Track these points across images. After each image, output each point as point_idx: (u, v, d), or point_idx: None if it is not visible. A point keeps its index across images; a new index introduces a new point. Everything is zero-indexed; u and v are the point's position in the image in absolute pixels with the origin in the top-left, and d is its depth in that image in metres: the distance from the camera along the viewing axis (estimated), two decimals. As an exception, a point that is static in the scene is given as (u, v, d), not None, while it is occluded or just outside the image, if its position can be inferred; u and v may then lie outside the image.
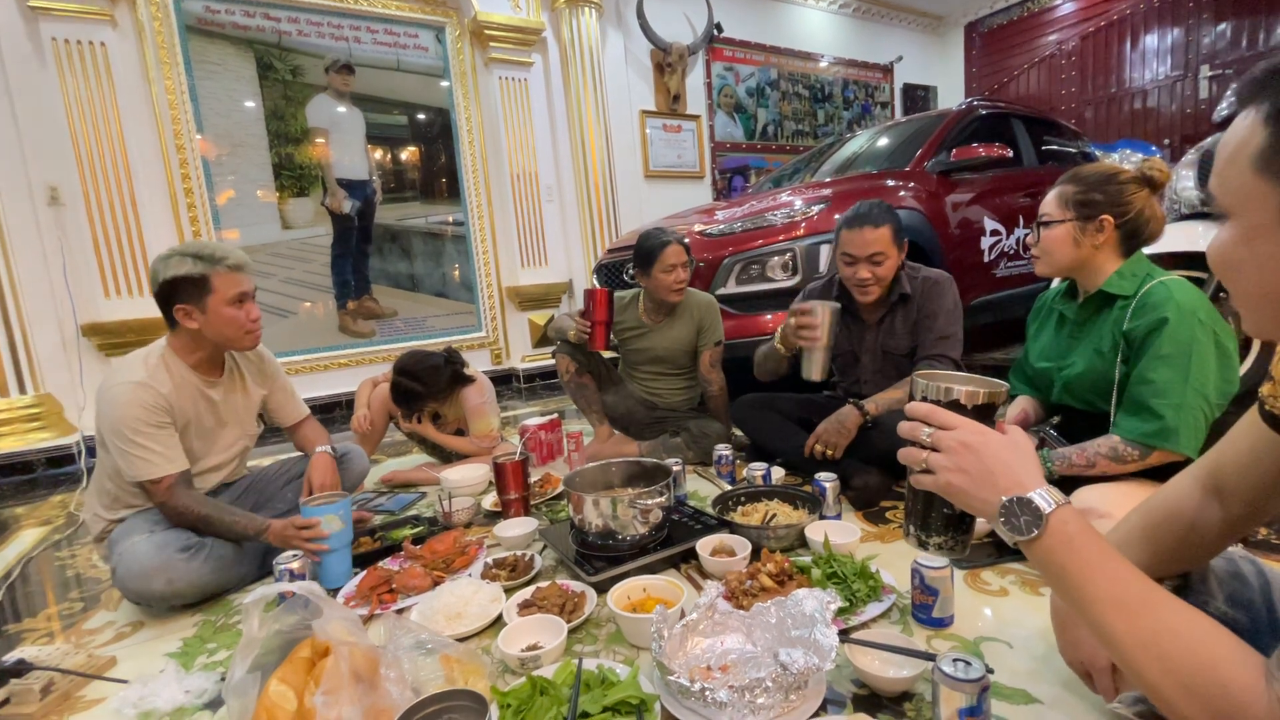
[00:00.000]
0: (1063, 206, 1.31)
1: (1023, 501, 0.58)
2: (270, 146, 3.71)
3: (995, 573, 1.28)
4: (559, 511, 1.86)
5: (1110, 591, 0.54)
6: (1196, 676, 0.48)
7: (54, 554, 1.93)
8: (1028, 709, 0.89)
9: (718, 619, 1.05)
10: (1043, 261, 1.36)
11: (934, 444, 0.65)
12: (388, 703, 0.85)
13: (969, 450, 0.62)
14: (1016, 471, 0.60)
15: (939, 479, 0.64)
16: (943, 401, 0.67)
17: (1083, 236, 1.29)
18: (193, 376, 1.53)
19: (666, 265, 2.11)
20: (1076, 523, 0.57)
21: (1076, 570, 0.56)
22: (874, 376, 1.90)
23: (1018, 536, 0.58)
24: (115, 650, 1.29)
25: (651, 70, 5.02)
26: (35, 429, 3.03)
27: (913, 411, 0.67)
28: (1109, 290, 1.28)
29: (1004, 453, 0.61)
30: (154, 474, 1.40)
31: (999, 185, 3.23)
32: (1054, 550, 0.57)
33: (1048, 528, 0.57)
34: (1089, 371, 1.31)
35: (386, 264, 4.15)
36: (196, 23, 3.46)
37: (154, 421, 1.41)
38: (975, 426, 0.63)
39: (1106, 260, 1.29)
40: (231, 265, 1.48)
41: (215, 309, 1.46)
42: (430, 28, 4.15)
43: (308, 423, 1.81)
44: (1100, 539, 0.57)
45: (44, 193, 3.12)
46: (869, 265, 1.75)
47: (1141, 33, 5.44)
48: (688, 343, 2.24)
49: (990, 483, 0.60)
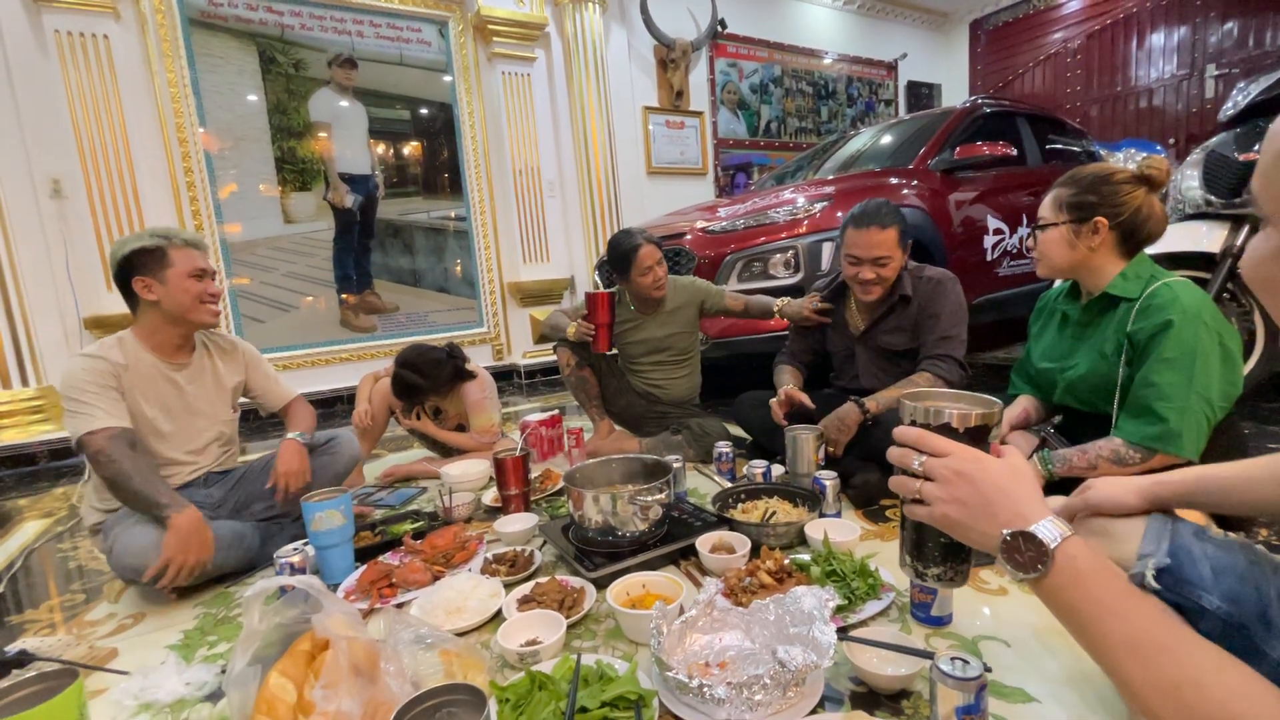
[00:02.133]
0: (1057, 209, 1.31)
1: (1026, 535, 0.54)
2: (272, 140, 3.71)
3: (993, 572, 1.27)
4: (559, 507, 1.86)
5: (1125, 635, 0.50)
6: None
7: (56, 546, 1.93)
8: (1025, 707, 0.89)
9: (717, 616, 1.06)
10: (1041, 264, 1.37)
11: (926, 473, 0.61)
12: (387, 696, 0.85)
13: (964, 480, 0.58)
14: (1017, 501, 0.56)
15: (933, 511, 0.60)
16: (933, 425, 0.63)
17: (1077, 239, 1.28)
18: (156, 360, 1.55)
19: (643, 269, 2.13)
20: (1085, 557, 0.53)
21: (1087, 610, 0.52)
22: (870, 373, 1.92)
23: (1022, 575, 0.55)
24: (116, 642, 1.29)
25: (655, 66, 5.01)
26: (38, 421, 3.05)
27: (902, 437, 0.64)
28: (1113, 292, 1.27)
29: (1002, 480, 0.57)
30: (91, 426, 1.38)
31: (1003, 184, 3.23)
32: (1062, 589, 0.53)
33: (1054, 565, 0.53)
34: (1091, 373, 1.30)
35: (388, 259, 4.15)
36: (199, 16, 3.46)
37: (98, 383, 1.43)
38: (970, 453, 0.60)
39: (1106, 261, 1.29)
40: (186, 240, 1.54)
41: (174, 280, 1.49)
42: (433, 22, 4.14)
43: (294, 404, 1.80)
44: (1113, 574, 0.53)
45: (46, 185, 3.12)
46: (873, 266, 1.75)
47: (1147, 31, 5.41)
48: (687, 322, 2.26)
49: (989, 514, 0.57)
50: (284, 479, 1.59)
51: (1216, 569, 0.70)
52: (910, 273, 1.84)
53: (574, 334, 2.18)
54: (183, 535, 1.34)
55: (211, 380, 1.66)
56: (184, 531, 1.34)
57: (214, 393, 1.66)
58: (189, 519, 1.36)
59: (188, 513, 1.36)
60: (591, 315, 2.15)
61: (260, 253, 3.72)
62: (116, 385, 1.46)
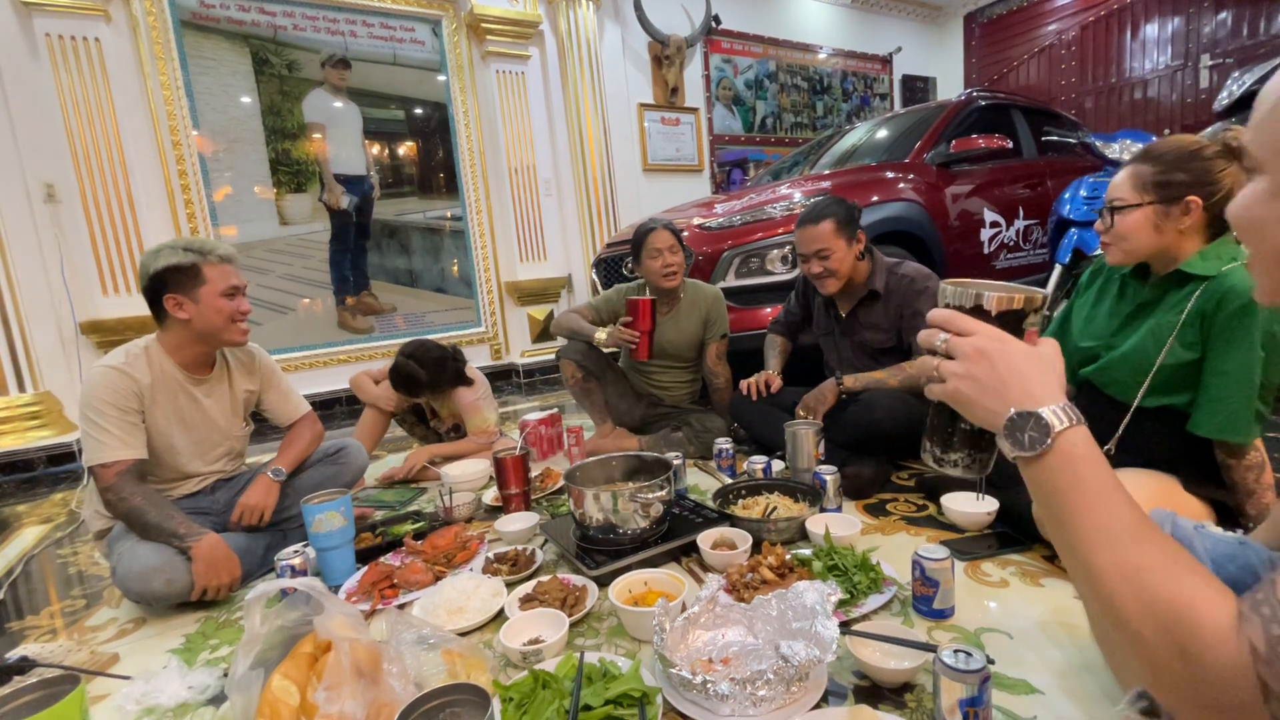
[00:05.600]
0: (1139, 189, 1.19)
1: (1032, 415, 0.54)
2: (267, 142, 3.70)
3: (996, 564, 1.28)
4: (560, 506, 1.86)
5: (1101, 520, 0.50)
6: (1171, 614, 0.45)
7: (55, 551, 1.93)
8: (1029, 699, 0.89)
9: (719, 612, 1.06)
10: (1117, 249, 1.23)
11: (948, 350, 0.60)
12: (390, 697, 0.85)
13: (983, 356, 0.57)
14: (1031, 383, 0.55)
15: (947, 386, 0.59)
16: (966, 307, 0.62)
17: (1165, 221, 1.17)
18: (178, 373, 1.53)
19: (652, 250, 2.12)
20: (1086, 446, 0.53)
21: (1073, 497, 0.52)
22: (851, 366, 1.97)
23: (1019, 451, 0.54)
24: (118, 647, 1.29)
25: (649, 63, 4.99)
26: (35, 427, 3.03)
27: (933, 319, 0.62)
28: (1189, 270, 1.17)
29: (1022, 362, 0.56)
30: (104, 458, 1.38)
31: (999, 176, 3.23)
32: (1055, 471, 0.53)
33: (1053, 446, 0.53)
34: (1134, 352, 1.22)
35: (385, 259, 4.14)
36: (191, 17, 3.44)
37: (119, 405, 1.41)
38: (995, 333, 0.58)
39: (1190, 244, 1.19)
40: (221, 256, 1.49)
41: (207, 299, 1.46)
42: (426, 21, 4.13)
43: (299, 425, 1.76)
44: (1108, 470, 0.53)
45: (40, 190, 3.10)
46: (818, 260, 1.84)
47: (1141, 22, 5.41)
48: (694, 335, 2.24)
49: (1000, 392, 0.56)
50: (245, 511, 1.56)
51: (1216, 559, 0.71)
52: (887, 269, 1.87)
53: (607, 339, 2.16)
54: (209, 562, 1.36)
55: (229, 395, 1.64)
56: (210, 558, 1.36)
57: (230, 407, 1.65)
58: (210, 545, 1.38)
59: (207, 539, 1.38)
60: (635, 321, 2.13)
61: (256, 255, 3.71)
62: (138, 405, 1.45)
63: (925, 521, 1.54)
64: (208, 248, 1.48)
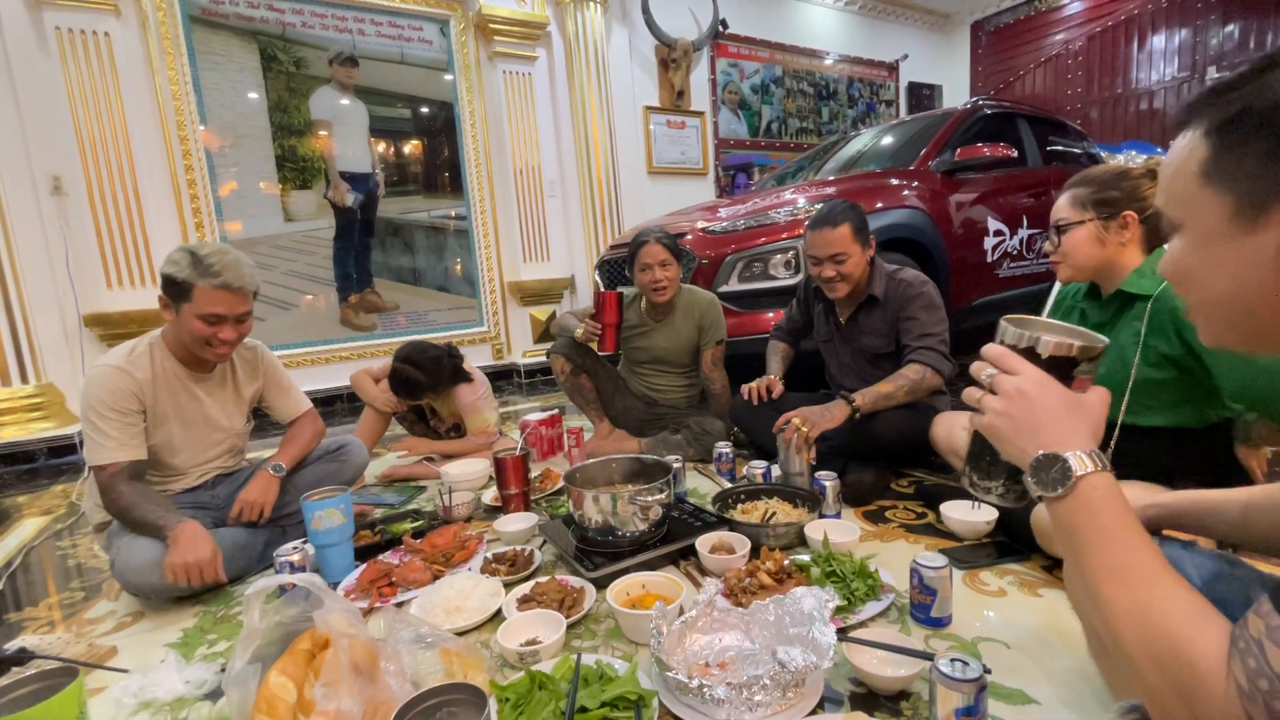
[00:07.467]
0: (1079, 208, 1.28)
1: (1059, 459, 0.56)
2: (273, 138, 3.71)
3: (994, 573, 1.28)
4: (559, 507, 1.86)
5: (1114, 559, 0.53)
6: (1171, 654, 0.47)
7: (55, 543, 1.93)
8: (1025, 709, 0.89)
9: (716, 616, 1.06)
10: (1066, 266, 1.31)
11: (991, 386, 0.63)
12: (387, 695, 0.85)
13: (1023, 397, 0.60)
14: (1063, 428, 0.58)
15: (985, 420, 0.62)
16: (1019, 348, 0.64)
17: (1107, 234, 1.25)
18: (180, 370, 1.53)
19: (642, 264, 2.13)
20: (1107, 490, 0.55)
21: (1090, 536, 0.54)
22: (850, 371, 1.98)
23: (1042, 490, 0.57)
24: (116, 640, 1.29)
25: (656, 66, 5.00)
26: (37, 418, 3.04)
27: (985, 354, 0.65)
28: (1128, 290, 1.24)
29: (1060, 409, 0.59)
30: (101, 460, 1.39)
31: (1003, 185, 3.22)
32: (1074, 513, 0.55)
33: (1075, 488, 0.55)
34: (1109, 374, 1.26)
35: (389, 258, 4.15)
36: (200, 13, 3.46)
37: (118, 407, 1.41)
38: (1039, 376, 0.61)
39: (1130, 259, 1.25)
40: (222, 283, 1.43)
41: (186, 316, 1.45)
42: (434, 20, 4.14)
43: (300, 421, 1.76)
44: (1126, 511, 0.55)
45: (47, 182, 3.12)
46: (832, 264, 1.81)
47: (1149, 33, 5.42)
48: (689, 341, 2.24)
49: (1032, 434, 0.58)
50: (245, 506, 1.55)
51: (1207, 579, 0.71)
52: (886, 275, 1.87)
53: (582, 334, 2.18)
54: (182, 545, 1.34)
55: (231, 393, 1.65)
56: (183, 541, 1.34)
57: (231, 405, 1.65)
58: (186, 529, 1.37)
59: (184, 525, 1.37)
60: (599, 314, 2.14)
61: (260, 251, 3.72)
62: (138, 405, 1.45)
63: (924, 529, 1.54)
64: (215, 270, 1.42)
